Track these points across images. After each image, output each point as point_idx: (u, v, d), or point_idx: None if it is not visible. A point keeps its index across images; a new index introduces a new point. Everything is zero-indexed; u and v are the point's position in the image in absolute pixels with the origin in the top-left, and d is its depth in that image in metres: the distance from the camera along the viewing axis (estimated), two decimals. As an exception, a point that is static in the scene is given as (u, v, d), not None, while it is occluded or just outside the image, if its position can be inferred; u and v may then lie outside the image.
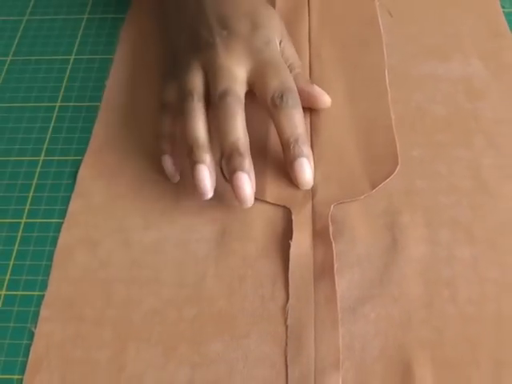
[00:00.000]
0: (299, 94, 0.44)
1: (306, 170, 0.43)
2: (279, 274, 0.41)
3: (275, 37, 0.46)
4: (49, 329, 0.39)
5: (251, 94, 0.45)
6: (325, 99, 0.48)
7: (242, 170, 0.40)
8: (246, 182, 0.40)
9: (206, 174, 0.41)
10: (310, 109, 0.49)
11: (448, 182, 0.44)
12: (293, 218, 0.43)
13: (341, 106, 0.49)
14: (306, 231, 0.42)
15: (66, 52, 0.55)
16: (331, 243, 0.41)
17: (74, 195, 0.45)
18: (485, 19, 0.55)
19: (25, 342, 0.39)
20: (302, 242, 0.42)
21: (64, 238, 0.43)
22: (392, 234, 0.42)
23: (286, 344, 0.38)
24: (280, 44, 0.47)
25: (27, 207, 0.45)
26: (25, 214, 0.45)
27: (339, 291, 0.39)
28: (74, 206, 0.45)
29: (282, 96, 0.43)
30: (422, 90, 0.50)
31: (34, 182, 0.46)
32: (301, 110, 0.43)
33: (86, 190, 0.45)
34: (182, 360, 0.37)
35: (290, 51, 0.48)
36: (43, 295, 0.41)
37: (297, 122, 0.43)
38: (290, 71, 0.46)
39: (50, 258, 0.42)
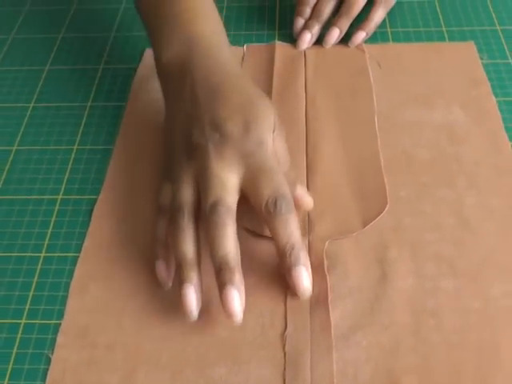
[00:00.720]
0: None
1: (304, 279, 0.39)
2: (278, 305, 0.41)
3: (268, 134, 0.43)
4: (64, 355, 0.40)
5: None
6: (307, 200, 0.44)
7: (232, 284, 0.38)
8: (235, 297, 0.38)
9: (191, 296, 0.39)
10: (307, 149, 0.50)
11: (433, 220, 0.45)
12: (290, 252, 0.43)
13: (334, 149, 0.50)
14: (302, 265, 0.43)
15: (70, 142, 0.54)
16: (326, 276, 0.42)
17: (88, 232, 0.46)
18: (465, 70, 0.56)
19: (42, 367, 0.39)
20: (299, 275, 0.42)
21: (79, 270, 0.44)
22: (381, 267, 0.43)
23: (284, 369, 0.38)
24: (273, 137, 0.43)
25: (46, 242, 0.46)
26: (44, 249, 0.46)
27: (333, 320, 0.40)
28: (88, 241, 0.46)
29: (275, 203, 0.39)
30: (408, 135, 0.51)
31: (53, 218, 0.47)
32: (295, 215, 0.40)
33: (100, 228, 0.46)
34: (187, 383, 0.38)
35: (280, 145, 0.44)
36: (60, 323, 0.41)
37: (292, 228, 0.40)
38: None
39: (67, 289, 0.43)
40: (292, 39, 0.61)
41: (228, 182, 0.41)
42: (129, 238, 0.46)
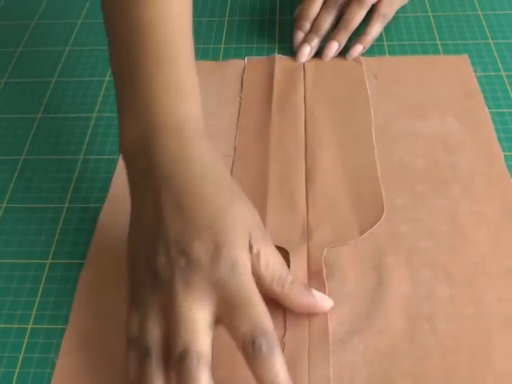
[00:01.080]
0: (298, 307, 0.40)
1: None
2: (277, 310, 0.41)
3: (242, 253, 0.36)
4: (68, 360, 0.40)
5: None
6: (326, 304, 0.40)
7: None
8: None
9: None
10: (306, 160, 0.50)
11: (428, 227, 0.45)
12: (290, 258, 0.43)
13: (332, 159, 0.50)
14: (301, 271, 0.43)
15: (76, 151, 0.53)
16: (324, 283, 0.42)
17: (93, 239, 0.46)
18: (459, 82, 0.57)
19: (48, 371, 0.39)
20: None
21: (84, 277, 0.44)
22: (378, 273, 0.43)
23: (283, 373, 0.38)
24: (252, 250, 0.37)
25: (52, 249, 0.46)
26: (50, 255, 0.46)
27: (330, 325, 0.40)
28: (93, 248, 0.46)
29: (253, 342, 0.34)
30: (404, 145, 0.51)
31: (59, 226, 0.48)
32: (278, 350, 0.34)
33: (105, 235, 0.46)
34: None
35: (272, 256, 0.38)
36: (65, 328, 0.41)
37: (276, 368, 0.34)
38: (282, 285, 0.38)
39: (72, 295, 0.43)
40: (292, 52, 0.61)
41: (198, 322, 0.35)
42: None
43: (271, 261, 0.38)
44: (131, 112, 0.42)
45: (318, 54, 0.60)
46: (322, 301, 0.40)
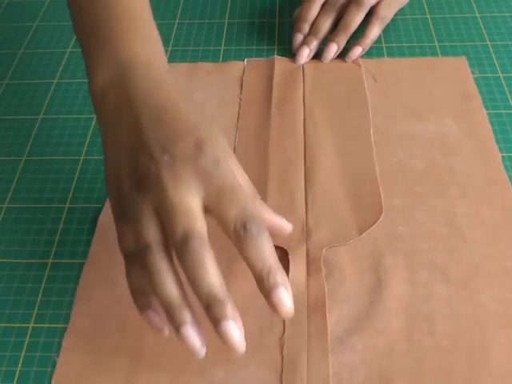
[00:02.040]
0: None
1: (285, 301, 0.35)
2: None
3: (223, 153, 0.38)
4: (69, 358, 0.40)
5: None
6: (284, 225, 0.41)
7: (226, 318, 0.33)
8: (233, 329, 0.34)
9: (192, 337, 0.34)
10: (305, 161, 0.50)
11: (426, 228, 0.45)
12: (289, 258, 0.44)
13: (331, 160, 0.51)
14: (300, 271, 0.43)
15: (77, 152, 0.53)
16: (323, 282, 0.42)
17: (94, 239, 0.46)
18: (457, 84, 0.57)
19: (49, 369, 0.39)
20: (297, 281, 0.43)
21: (85, 277, 0.44)
22: (376, 274, 0.43)
23: (282, 371, 0.38)
24: (227, 162, 0.38)
25: (54, 249, 0.46)
26: (51, 256, 0.46)
27: (329, 324, 0.40)
28: (94, 248, 0.46)
29: (244, 226, 0.35)
30: (403, 146, 0.51)
31: (60, 226, 0.48)
32: (267, 234, 0.35)
33: (105, 235, 0.46)
34: (188, 386, 0.38)
35: (242, 175, 0.40)
36: (66, 328, 0.41)
37: (266, 250, 0.35)
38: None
39: (73, 294, 0.43)
40: (291, 54, 0.61)
41: (193, 208, 0.35)
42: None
43: (242, 176, 0.40)
44: (101, 60, 0.43)
45: (317, 55, 0.61)
46: (284, 221, 0.41)
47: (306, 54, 0.60)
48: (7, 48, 0.66)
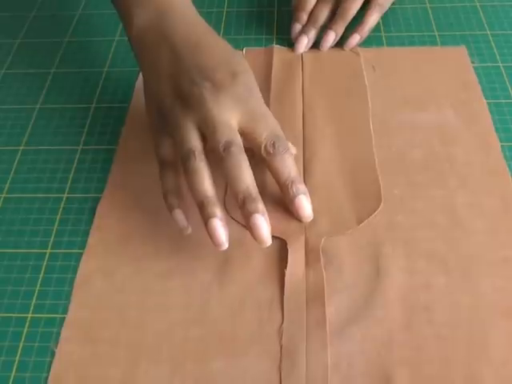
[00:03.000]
0: None
1: (306, 206, 0.43)
2: (275, 300, 0.41)
3: (254, 84, 0.44)
4: (68, 348, 0.40)
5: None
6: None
7: (258, 212, 0.40)
8: (263, 223, 0.40)
9: (219, 228, 0.40)
10: (304, 150, 0.50)
11: (425, 218, 0.45)
12: (288, 248, 0.43)
13: (330, 150, 0.50)
14: (299, 261, 0.43)
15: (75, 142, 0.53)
16: (322, 272, 0.42)
17: (92, 229, 0.46)
18: (456, 73, 0.56)
19: (48, 359, 0.39)
20: (296, 271, 0.42)
21: (83, 267, 0.44)
22: (375, 263, 0.43)
23: (281, 362, 0.38)
24: None
25: (52, 239, 0.46)
26: (50, 246, 0.45)
27: (328, 314, 0.40)
28: (92, 238, 0.45)
29: (273, 144, 0.42)
30: (402, 136, 0.51)
31: (59, 216, 0.47)
32: (290, 152, 0.43)
33: (103, 224, 0.46)
34: (187, 376, 0.38)
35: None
36: (65, 317, 0.41)
37: (290, 164, 0.42)
38: None
39: (72, 284, 0.43)
40: (290, 43, 0.61)
41: (233, 126, 0.42)
42: (132, 234, 0.45)
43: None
44: (140, 6, 0.49)
45: (316, 45, 0.60)
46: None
47: (304, 43, 0.59)
48: (4, 37, 0.65)
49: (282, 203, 0.45)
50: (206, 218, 0.40)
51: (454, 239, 0.44)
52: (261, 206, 0.40)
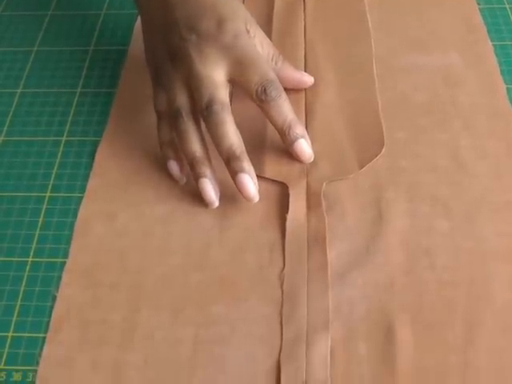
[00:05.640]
0: (289, 82, 0.44)
1: (305, 149, 0.41)
2: (276, 244, 0.39)
3: (242, 26, 0.42)
4: (69, 293, 0.38)
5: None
6: (308, 79, 0.47)
7: (242, 171, 0.39)
8: (248, 182, 0.39)
9: (209, 187, 0.40)
10: (306, 94, 0.47)
11: (429, 162, 0.43)
12: (289, 193, 0.41)
13: (333, 93, 0.47)
14: (300, 205, 0.41)
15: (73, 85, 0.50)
16: (324, 217, 0.40)
17: (92, 172, 0.44)
18: (462, 15, 0.53)
19: (49, 304, 0.38)
20: (297, 215, 0.40)
21: (84, 210, 0.42)
22: (378, 208, 0.41)
23: (282, 306, 0.36)
24: (249, 33, 0.42)
25: (51, 182, 0.44)
26: (49, 189, 0.43)
27: (330, 259, 0.38)
28: (92, 182, 0.43)
29: (264, 90, 0.40)
30: (406, 78, 0.48)
31: (58, 160, 0.45)
32: (285, 96, 0.41)
33: (103, 168, 0.44)
34: (188, 321, 0.36)
35: (264, 39, 0.44)
36: (65, 262, 0.39)
37: (285, 110, 0.40)
38: (276, 61, 0.44)
39: (72, 228, 0.41)
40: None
41: (216, 79, 0.40)
42: (132, 178, 0.43)
43: (265, 41, 0.44)
44: None
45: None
46: (305, 75, 0.47)
47: (307, -17, 0.56)
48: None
49: (283, 145, 0.43)
50: (195, 178, 0.40)
51: (457, 183, 0.41)
52: (245, 163, 0.39)
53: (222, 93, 0.40)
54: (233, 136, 0.39)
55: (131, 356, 0.35)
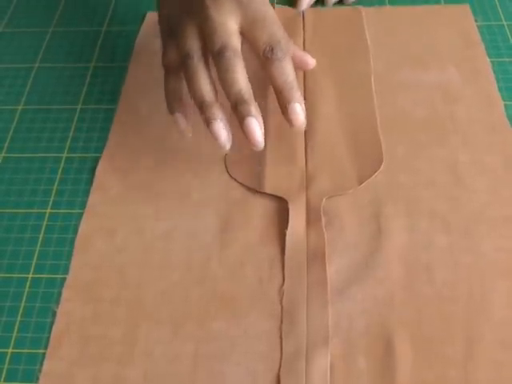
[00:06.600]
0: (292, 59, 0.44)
1: (299, 114, 0.40)
2: (276, 259, 0.40)
3: None
4: (69, 308, 0.38)
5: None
6: (308, 60, 0.47)
7: (250, 115, 0.39)
8: (256, 125, 0.39)
9: (220, 129, 0.39)
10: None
11: (427, 177, 0.43)
12: (289, 208, 0.42)
13: (332, 109, 0.48)
14: (300, 221, 0.41)
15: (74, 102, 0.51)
16: (323, 232, 0.40)
17: (92, 188, 0.44)
18: (460, 31, 0.54)
19: (49, 320, 0.38)
20: (296, 231, 0.41)
21: (84, 226, 0.42)
22: (377, 223, 0.41)
23: (281, 322, 0.37)
24: None
25: (52, 199, 0.44)
26: (49, 205, 0.44)
27: (329, 274, 0.39)
28: (92, 198, 0.44)
29: (272, 49, 0.40)
30: (404, 94, 0.49)
31: (58, 176, 0.46)
32: (290, 59, 0.41)
33: (104, 184, 0.44)
34: (187, 336, 0.37)
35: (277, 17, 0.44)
36: (65, 278, 0.40)
37: (287, 71, 0.40)
38: None
39: (72, 244, 0.42)
40: (291, 3, 0.58)
41: (230, 27, 0.41)
42: (132, 194, 0.44)
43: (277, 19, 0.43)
44: None
45: (317, 3, 0.57)
46: (308, 56, 0.47)
47: (306, 0, 0.56)
48: None
49: (283, 161, 0.43)
50: (206, 121, 0.40)
51: (455, 198, 0.42)
52: (253, 108, 0.39)
53: (235, 40, 0.41)
54: (243, 82, 0.39)
55: (131, 371, 0.35)
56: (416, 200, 0.42)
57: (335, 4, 0.57)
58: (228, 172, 0.44)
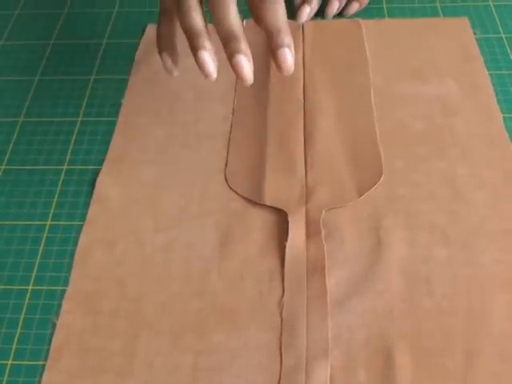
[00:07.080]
0: None
1: (288, 59, 0.40)
2: (276, 272, 0.40)
3: None
4: (69, 320, 0.39)
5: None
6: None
7: (239, 52, 0.38)
8: (244, 62, 0.38)
9: (207, 58, 0.39)
10: (305, 122, 0.49)
11: (426, 190, 0.44)
12: (289, 220, 0.42)
13: (331, 121, 0.49)
14: (300, 233, 0.42)
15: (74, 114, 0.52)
16: (323, 245, 0.41)
17: (92, 201, 0.45)
18: (458, 44, 0.54)
19: (49, 332, 0.38)
20: (296, 243, 0.41)
21: (84, 238, 0.43)
22: (376, 236, 0.41)
23: (281, 334, 0.37)
24: None
25: (52, 211, 0.45)
26: (50, 218, 0.44)
27: (329, 287, 0.39)
28: (92, 210, 0.44)
29: None
30: (403, 107, 0.49)
31: (58, 188, 0.46)
32: (283, 4, 0.40)
33: (104, 196, 0.45)
34: (187, 348, 0.37)
35: None
36: (65, 290, 0.40)
37: (279, 15, 0.40)
38: None
39: (72, 256, 0.42)
40: (290, 15, 0.58)
41: None
42: (132, 206, 0.44)
43: None
44: None
45: (317, 15, 0.58)
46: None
47: (306, 12, 0.57)
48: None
49: (283, 173, 0.44)
50: (193, 51, 0.40)
51: (454, 211, 0.42)
52: (243, 44, 0.39)
53: None
54: (234, 18, 0.40)
55: (131, 383, 0.36)
56: (415, 213, 0.42)
57: (335, 16, 0.58)
58: (228, 184, 0.45)
